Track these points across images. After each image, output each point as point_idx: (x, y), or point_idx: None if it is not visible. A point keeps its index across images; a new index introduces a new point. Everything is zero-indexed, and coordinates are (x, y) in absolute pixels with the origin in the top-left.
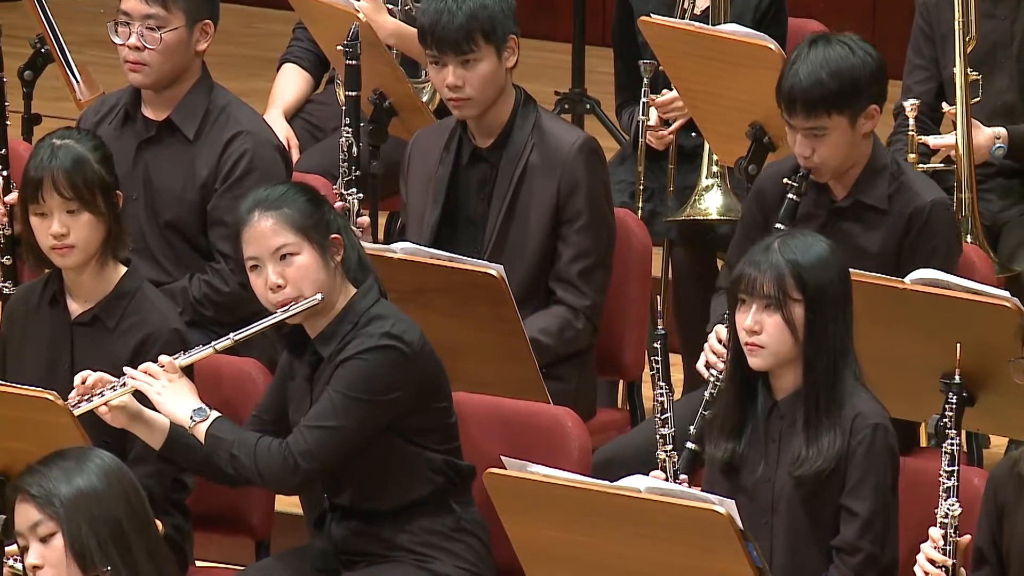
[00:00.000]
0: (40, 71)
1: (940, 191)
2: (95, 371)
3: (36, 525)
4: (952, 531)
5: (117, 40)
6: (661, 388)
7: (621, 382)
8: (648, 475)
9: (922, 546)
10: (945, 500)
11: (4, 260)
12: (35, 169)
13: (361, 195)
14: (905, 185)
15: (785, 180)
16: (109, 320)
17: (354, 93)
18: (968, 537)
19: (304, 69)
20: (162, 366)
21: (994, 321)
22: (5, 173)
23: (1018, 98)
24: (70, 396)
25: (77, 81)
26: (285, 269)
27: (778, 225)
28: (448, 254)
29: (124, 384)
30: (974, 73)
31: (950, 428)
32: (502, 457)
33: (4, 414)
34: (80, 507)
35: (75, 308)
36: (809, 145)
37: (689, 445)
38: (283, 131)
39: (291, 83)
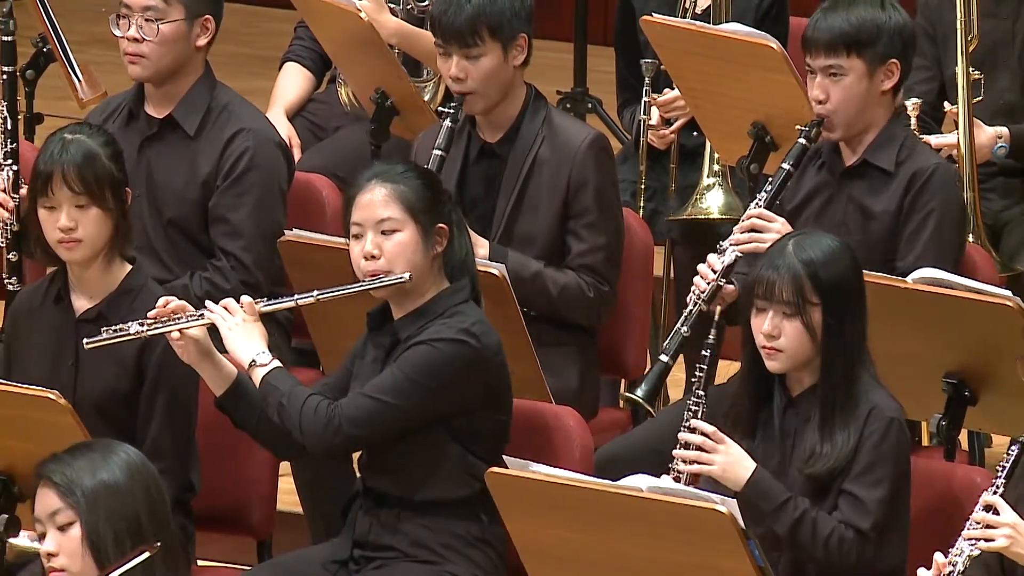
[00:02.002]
0: (42, 70)
1: (949, 162)
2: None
3: (55, 513)
4: (959, 567)
5: (117, 32)
6: (699, 398)
7: (623, 381)
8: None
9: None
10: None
11: (10, 256)
12: (45, 162)
13: None
14: (916, 151)
15: (797, 126)
16: (114, 318)
17: None
18: None
19: (306, 68)
20: (242, 306)
21: (996, 320)
22: (15, 168)
23: (1020, 97)
24: (149, 314)
25: (79, 80)
26: (384, 242)
27: (783, 165)
28: None
29: (202, 315)
30: (976, 72)
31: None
32: (504, 456)
33: (6, 413)
34: (101, 500)
35: (79, 305)
36: (824, 88)
37: (662, 358)
38: (285, 130)
39: (293, 82)
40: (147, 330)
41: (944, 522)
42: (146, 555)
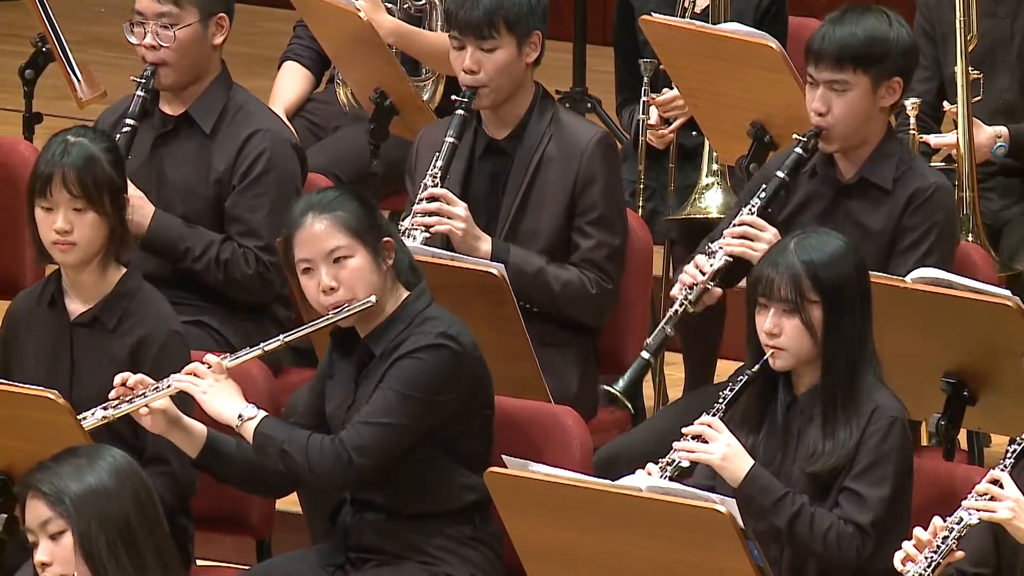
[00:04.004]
0: (41, 70)
1: (946, 179)
2: (121, 373)
3: (46, 522)
4: (955, 534)
5: (133, 40)
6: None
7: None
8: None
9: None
10: (974, 512)
11: None
12: (45, 164)
13: None
14: (913, 169)
15: (795, 136)
16: (108, 321)
17: None
18: (962, 554)
19: (305, 67)
20: (209, 366)
21: (995, 320)
22: None
23: (1019, 97)
24: (110, 395)
25: (78, 80)
26: (339, 272)
27: (779, 173)
28: (450, 253)
29: (169, 386)
30: (975, 72)
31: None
32: (503, 456)
33: (5, 413)
34: (90, 505)
35: (74, 309)
36: (826, 101)
37: (643, 355)
38: None
39: (292, 81)
40: (114, 412)
41: None
42: None
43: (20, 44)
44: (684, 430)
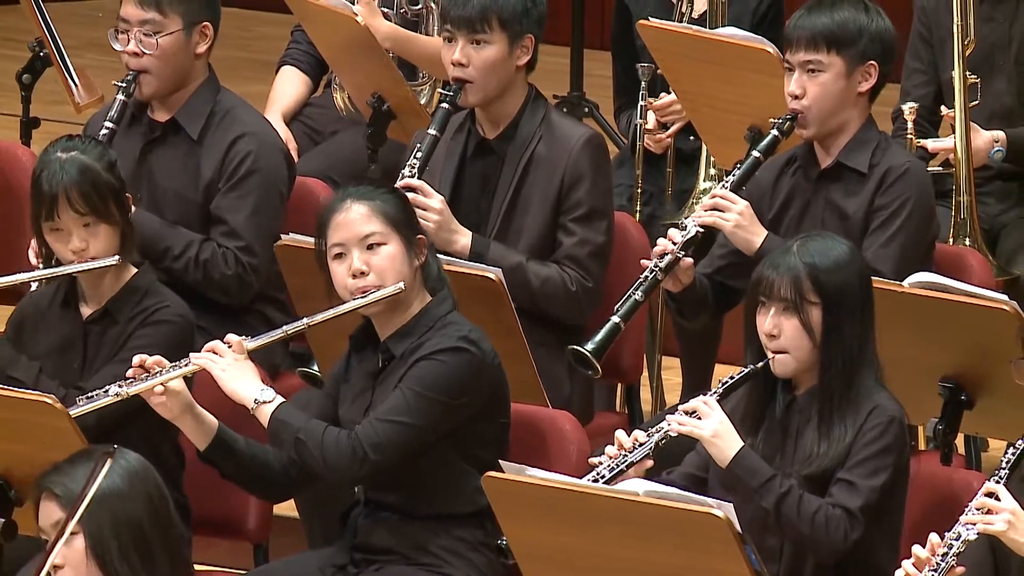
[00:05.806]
0: (39, 75)
1: (921, 162)
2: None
3: (58, 524)
4: (954, 550)
5: (117, 47)
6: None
7: (620, 385)
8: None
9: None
10: (972, 526)
11: None
12: (47, 185)
13: None
14: (889, 152)
15: (771, 119)
16: (119, 314)
17: None
18: (962, 569)
19: (303, 72)
20: (229, 345)
21: (992, 324)
22: None
23: (1016, 101)
24: (128, 372)
25: (75, 84)
26: (371, 257)
27: (754, 153)
28: (447, 257)
29: (187, 364)
30: (972, 76)
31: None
32: (500, 461)
33: (3, 417)
34: (102, 508)
35: (87, 310)
36: (801, 84)
37: (614, 319)
38: (282, 134)
39: (290, 86)
40: (128, 389)
41: (941, 526)
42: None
43: (18, 49)
44: (680, 407)
